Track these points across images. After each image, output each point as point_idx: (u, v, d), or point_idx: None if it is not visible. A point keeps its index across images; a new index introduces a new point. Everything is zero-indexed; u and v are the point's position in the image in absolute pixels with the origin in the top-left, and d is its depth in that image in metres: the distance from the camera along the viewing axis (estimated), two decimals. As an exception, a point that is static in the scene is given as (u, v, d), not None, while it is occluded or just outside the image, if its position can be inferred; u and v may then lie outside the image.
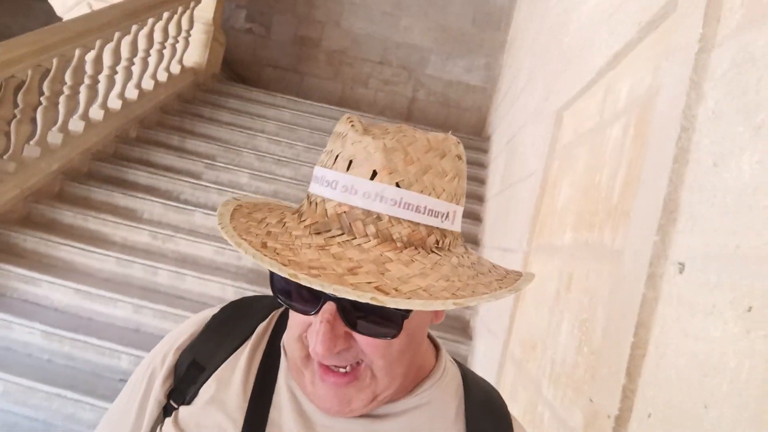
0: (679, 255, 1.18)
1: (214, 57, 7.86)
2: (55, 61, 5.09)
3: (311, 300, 0.72)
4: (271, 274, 0.72)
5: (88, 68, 5.59)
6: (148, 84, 6.64)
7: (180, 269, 4.73)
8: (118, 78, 6.08)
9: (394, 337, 0.72)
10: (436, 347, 0.91)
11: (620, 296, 1.37)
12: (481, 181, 6.43)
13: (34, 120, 5.13)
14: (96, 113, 5.90)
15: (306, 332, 0.75)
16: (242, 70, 9.75)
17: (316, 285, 0.63)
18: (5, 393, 3.65)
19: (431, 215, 0.73)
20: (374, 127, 0.78)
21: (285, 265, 0.65)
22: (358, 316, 0.71)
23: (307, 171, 6.35)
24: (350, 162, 0.72)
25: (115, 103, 6.14)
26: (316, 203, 0.74)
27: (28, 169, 5.10)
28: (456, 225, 0.77)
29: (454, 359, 0.95)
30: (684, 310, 1.09)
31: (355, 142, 0.73)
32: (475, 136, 8.47)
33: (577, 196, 2.17)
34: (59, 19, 7.37)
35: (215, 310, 0.96)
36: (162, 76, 6.87)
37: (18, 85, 4.83)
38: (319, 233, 0.71)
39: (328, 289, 0.63)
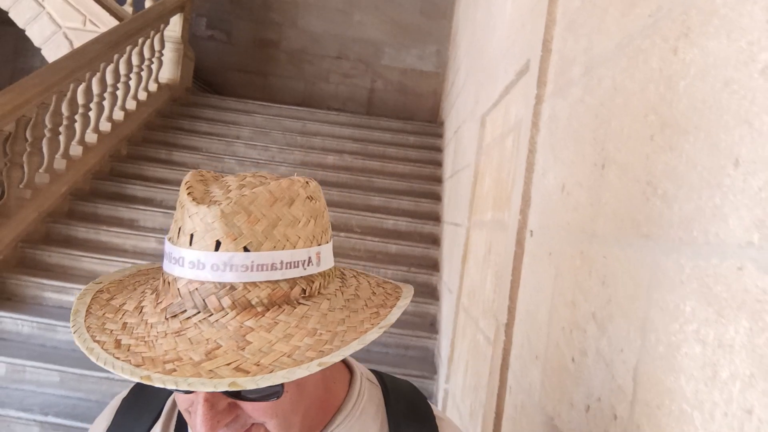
0: (531, 226, 2.08)
1: (186, 72, 8.57)
2: (54, 98, 5.81)
3: None
4: None
5: (80, 98, 6.30)
6: (131, 105, 7.36)
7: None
8: (106, 103, 6.80)
9: (279, 397, 0.70)
10: (351, 372, 0.88)
11: (506, 252, 2.26)
12: (438, 164, 7.32)
13: (41, 150, 5.86)
14: (91, 137, 6.62)
15: (187, 410, 0.72)
16: (210, 77, 10.44)
17: (170, 385, 0.61)
18: (62, 382, 4.48)
19: (290, 267, 0.70)
20: (216, 186, 0.75)
21: (139, 365, 0.63)
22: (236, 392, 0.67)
23: (284, 170, 7.17)
24: (191, 236, 0.69)
25: (105, 126, 6.86)
26: (169, 282, 0.71)
27: (42, 193, 5.85)
28: (325, 263, 0.75)
29: (372, 370, 0.92)
30: (534, 257, 1.98)
31: (192, 215, 0.70)
32: (431, 121, 9.36)
33: (493, 185, 3.06)
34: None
35: (125, 393, 0.93)
36: (142, 96, 7.59)
37: (26, 122, 5.55)
38: (175, 316, 0.68)
39: (183, 385, 0.60)
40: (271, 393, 0.69)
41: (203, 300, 0.68)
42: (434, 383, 4.70)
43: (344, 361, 0.88)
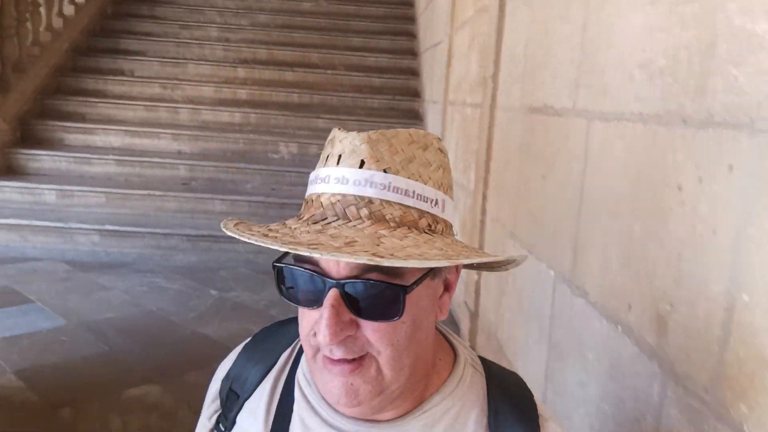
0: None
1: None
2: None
3: (316, 292, 0.73)
4: (277, 277, 0.77)
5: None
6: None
7: (196, 105, 6.19)
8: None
9: (397, 317, 0.72)
10: (455, 353, 0.89)
11: (489, 22, 2.99)
12: (410, 4, 7.83)
13: (39, 10, 6.21)
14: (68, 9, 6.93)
15: (312, 330, 0.75)
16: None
17: (315, 254, 0.66)
18: (108, 201, 5.23)
19: (420, 200, 0.75)
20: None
21: (285, 244, 0.69)
22: (361, 301, 0.72)
23: (264, 18, 7.62)
24: (339, 157, 0.75)
25: None
26: (312, 200, 0.76)
27: (48, 51, 6.29)
28: (447, 214, 0.79)
29: (480, 357, 0.92)
30: (515, 10, 2.71)
31: (342, 140, 0.76)
32: None
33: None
34: None
35: (248, 340, 0.99)
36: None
37: None
38: (316, 222, 0.74)
39: (326, 255, 0.65)
40: (390, 313, 0.72)
41: (344, 209, 0.73)
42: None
43: (450, 345, 0.89)
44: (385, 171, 0.73)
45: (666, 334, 1.32)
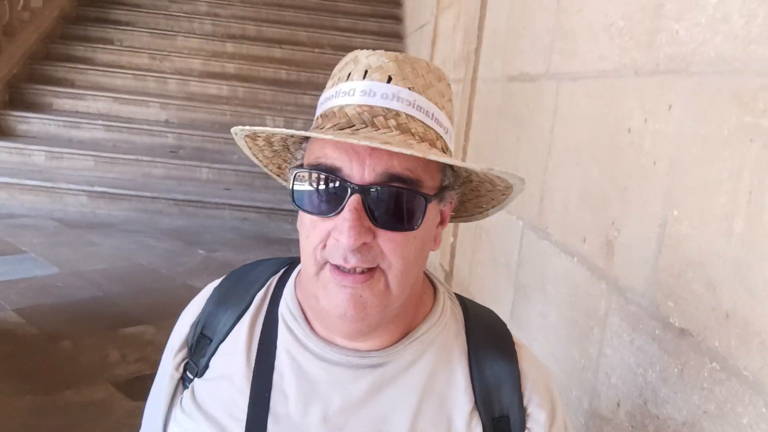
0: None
1: None
2: None
3: (336, 198, 0.72)
4: (293, 189, 0.76)
5: None
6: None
7: (185, 77, 6.31)
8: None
9: (415, 227, 0.74)
10: (434, 288, 0.91)
11: (475, -2, 3.19)
12: (399, 19, 8.01)
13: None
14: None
15: (323, 242, 0.75)
16: None
17: (364, 141, 0.67)
18: (96, 165, 5.36)
19: (437, 123, 0.77)
20: None
21: (334, 135, 0.69)
22: (381, 209, 0.72)
23: (256, -5, 7.74)
24: (365, 71, 0.75)
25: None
26: (334, 112, 0.76)
27: (38, 16, 6.34)
28: (451, 144, 0.81)
29: (456, 294, 0.94)
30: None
31: (369, 56, 0.77)
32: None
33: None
34: None
35: (217, 282, 0.96)
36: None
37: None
38: (343, 129, 0.73)
39: (375, 143, 0.67)
40: (411, 222, 0.74)
41: (371, 118, 0.73)
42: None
43: (429, 280, 0.91)
44: (410, 89, 0.75)
45: (613, 256, 1.54)
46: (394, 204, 0.73)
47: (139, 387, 2.55)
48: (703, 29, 1.24)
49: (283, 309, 0.87)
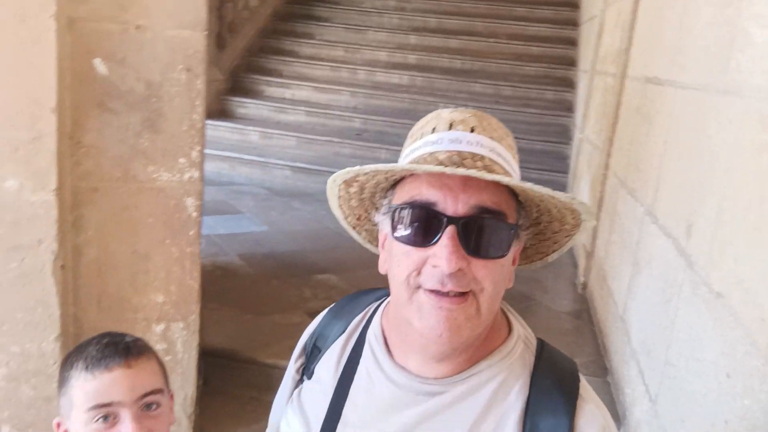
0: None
1: None
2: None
3: (432, 230, 0.79)
4: (392, 220, 0.84)
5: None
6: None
7: (372, 68, 7.16)
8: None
9: (504, 254, 0.82)
10: (510, 329, 0.94)
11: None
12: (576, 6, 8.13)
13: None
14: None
15: (417, 269, 0.81)
16: None
17: (467, 172, 0.75)
18: (297, 145, 6.37)
19: (512, 170, 0.85)
20: None
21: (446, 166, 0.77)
22: (474, 238, 0.79)
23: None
24: (451, 124, 0.84)
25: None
26: (425, 158, 0.83)
27: (255, 15, 7.51)
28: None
29: (540, 340, 0.96)
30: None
31: (451, 112, 0.86)
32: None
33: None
34: None
35: (339, 301, 1.08)
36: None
37: None
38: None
39: (475, 174, 0.75)
40: (500, 250, 0.82)
41: (461, 160, 0.80)
42: (569, 147, 6.08)
43: (507, 321, 0.95)
44: (490, 138, 0.84)
45: (690, 236, 1.91)
46: (486, 233, 0.81)
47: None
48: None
49: (370, 333, 0.96)
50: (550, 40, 7.50)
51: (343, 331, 1.00)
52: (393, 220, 0.84)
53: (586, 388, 0.89)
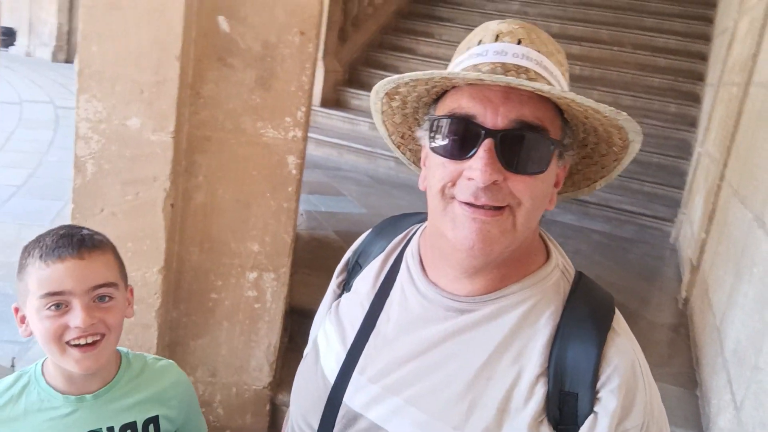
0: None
1: None
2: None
3: (470, 142, 0.78)
4: (429, 130, 0.84)
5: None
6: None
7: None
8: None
9: (543, 170, 0.80)
10: (549, 256, 0.92)
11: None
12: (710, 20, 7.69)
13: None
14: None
15: (452, 181, 0.80)
16: None
17: (506, 80, 0.73)
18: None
19: (559, 85, 0.83)
20: None
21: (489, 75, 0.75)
22: (512, 152, 0.77)
23: (565, -5, 8.19)
24: (497, 35, 0.81)
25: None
26: (468, 70, 0.80)
27: (379, 11, 7.73)
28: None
29: (580, 273, 0.92)
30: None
31: (499, 23, 0.84)
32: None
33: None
34: None
35: (378, 223, 1.11)
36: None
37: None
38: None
39: (514, 81, 0.73)
40: (539, 166, 0.80)
41: (505, 72, 0.78)
42: (688, 163, 5.78)
43: (547, 248, 0.93)
44: (538, 52, 0.82)
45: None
46: (525, 148, 0.79)
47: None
48: None
49: (407, 252, 0.98)
50: (679, 53, 7.16)
51: (384, 249, 1.02)
52: (431, 131, 0.83)
53: (620, 321, 0.86)
